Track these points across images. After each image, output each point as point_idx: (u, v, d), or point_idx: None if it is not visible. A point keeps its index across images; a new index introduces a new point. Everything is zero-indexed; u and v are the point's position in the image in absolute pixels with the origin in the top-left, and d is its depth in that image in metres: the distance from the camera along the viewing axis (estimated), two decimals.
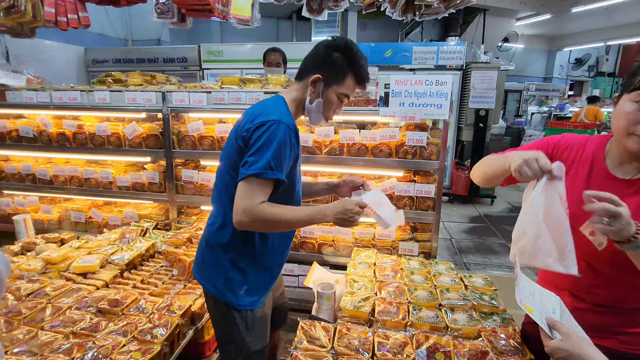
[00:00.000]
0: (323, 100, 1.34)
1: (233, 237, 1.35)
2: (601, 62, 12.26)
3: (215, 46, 5.93)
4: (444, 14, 2.17)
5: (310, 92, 1.33)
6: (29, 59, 4.26)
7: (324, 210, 1.28)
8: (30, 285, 1.77)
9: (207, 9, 2.26)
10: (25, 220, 2.53)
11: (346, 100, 1.38)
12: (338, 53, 1.30)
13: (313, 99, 1.34)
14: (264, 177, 1.17)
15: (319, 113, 1.36)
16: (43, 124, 2.64)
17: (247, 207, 1.16)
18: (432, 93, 2.03)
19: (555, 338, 0.89)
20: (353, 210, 1.28)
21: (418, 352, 1.32)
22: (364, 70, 1.35)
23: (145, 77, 2.79)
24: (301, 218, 1.26)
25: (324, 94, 1.33)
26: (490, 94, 5.30)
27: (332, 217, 1.27)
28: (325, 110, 1.36)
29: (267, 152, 1.17)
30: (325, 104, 1.35)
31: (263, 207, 1.18)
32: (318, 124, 1.41)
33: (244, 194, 1.18)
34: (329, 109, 1.37)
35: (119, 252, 2.13)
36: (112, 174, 2.65)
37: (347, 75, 1.31)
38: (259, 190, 1.18)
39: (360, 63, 1.32)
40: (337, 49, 1.31)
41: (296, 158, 1.34)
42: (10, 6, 2.40)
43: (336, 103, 1.36)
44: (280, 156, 1.19)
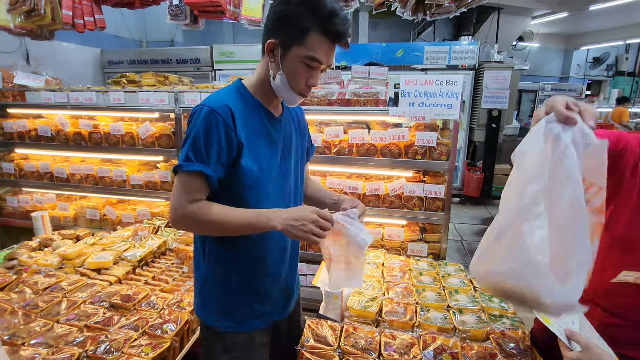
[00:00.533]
0: (284, 71, 1.03)
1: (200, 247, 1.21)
2: (620, 61, 11.92)
3: (227, 47, 6.00)
4: (455, 13, 2.15)
5: (270, 64, 1.06)
6: (47, 61, 4.39)
7: (268, 214, 1.03)
8: (47, 280, 1.82)
9: (219, 11, 2.30)
10: (42, 217, 2.61)
11: (318, 65, 1.03)
12: (292, 1, 0.99)
13: (275, 72, 1.05)
14: (183, 169, 1.01)
15: (287, 89, 1.06)
16: (60, 124, 2.72)
17: (173, 204, 1.03)
18: (442, 93, 2.02)
19: (575, 349, 0.87)
20: (309, 218, 1.01)
21: (425, 353, 1.31)
22: (334, 19, 0.97)
23: (158, 78, 2.85)
24: (236, 222, 1.03)
25: (284, 61, 1.02)
26: (503, 93, 5.22)
27: (280, 223, 1.02)
28: (293, 83, 1.05)
29: (187, 142, 1.02)
30: (288, 76, 1.04)
31: (192, 207, 1.01)
32: (294, 103, 1.12)
33: (173, 190, 1.04)
34: (297, 81, 1.05)
35: (131, 249, 2.18)
36: (126, 172, 2.71)
37: (309, 30, 0.98)
38: (185, 186, 1.02)
39: (325, 8, 0.97)
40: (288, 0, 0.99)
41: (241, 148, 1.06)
42: (30, 10, 2.48)
43: (303, 70, 1.03)
44: (202, 145, 1.00)
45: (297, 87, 1.06)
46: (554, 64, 12.71)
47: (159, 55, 6.20)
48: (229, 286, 1.20)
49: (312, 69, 1.04)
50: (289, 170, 1.23)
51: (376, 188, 2.27)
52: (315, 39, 0.99)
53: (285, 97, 1.10)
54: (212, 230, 1.09)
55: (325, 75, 2.34)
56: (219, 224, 1.04)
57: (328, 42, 1.01)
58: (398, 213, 2.27)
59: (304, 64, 1.02)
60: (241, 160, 1.06)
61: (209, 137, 1.00)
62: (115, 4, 2.64)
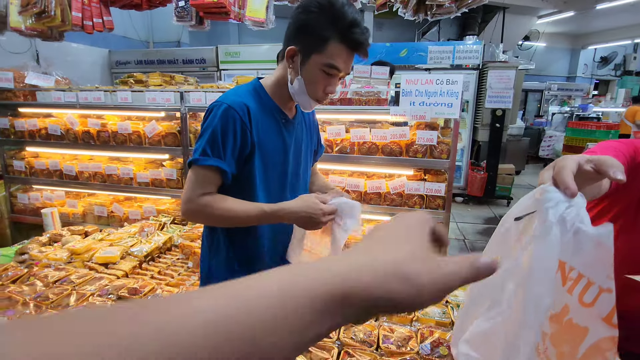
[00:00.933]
0: (303, 77, 1.06)
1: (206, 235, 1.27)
2: (629, 61, 11.81)
3: (233, 47, 6.07)
4: (457, 14, 2.17)
5: (289, 69, 1.09)
6: (57, 61, 4.48)
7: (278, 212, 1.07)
8: (57, 273, 1.88)
9: (224, 12, 2.34)
10: (52, 213, 2.68)
11: (337, 73, 1.05)
12: (313, 10, 1.01)
13: (293, 78, 1.08)
14: (199, 163, 1.04)
15: (303, 94, 1.08)
16: (70, 123, 2.79)
17: (186, 196, 1.06)
18: (442, 92, 2.04)
19: None
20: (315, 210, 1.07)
21: (422, 346, 1.35)
22: (354, 29, 1.00)
23: (164, 78, 2.91)
24: (246, 217, 1.07)
25: (303, 68, 1.05)
26: (507, 93, 5.21)
27: (290, 220, 1.09)
28: (310, 90, 1.07)
29: (204, 137, 1.04)
30: (307, 82, 1.06)
31: (205, 199, 1.05)
32: (309, 108, 1.14)
33: (186, 182, 1.08)
34: (315, 88, 1.07)
35: (138, 244, 2.24)
36: (133, 170, 2.77)
37: (329, 39, 1.00)
38: (200, 179, 1.06)
39: (346, 18, 0.99)
40: (310, 6, 1.01)
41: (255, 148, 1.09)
42: (41, 11, 2.55)
43: (322, 78, 1.05)
44: (219, 141, 1.03)
45: (314, 94, 1.08)
46: (560, 63, 12.62)
47: (166, 56, 6.28)
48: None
49: (330, 76, 1.06)
50: (298, 171, 1.27)
51: (377, 186, 2.30)
52: (335, 48, 1.01)
53: (301, 102, 1.12)
54: (222, 222, 1.13)
55: None
56: (229, 218, 1.08)
57: (347, 50, 1.03)
58: (399, 211, 2.30)
59: (322, 72, 1.04)
60: (253, 159, 1.10)
61: (226, 133, 1.03)
62: (123, 5, 2.70)
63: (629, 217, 1.09)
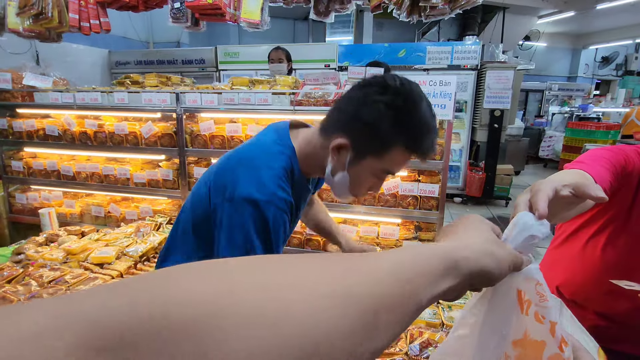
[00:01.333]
0: (350, 175, 0.90)
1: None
2: (630, 61, 11.77)
3: (232, 48, 6.08)
4: (450, 15, 2.18)
5: (332, 159, 0.90)
6: (57, 62, 4.51)
7: None
8: (52, 273, 1.90)
9: (219, 13, 2.36)
10: (49, 213, 2.70)
11: (388, 176, 0.94)
12: (384, 108, 0.81)
13: (335, 169, 0.91)
14: None
15: (343, 189, 0.93)
16: (67, 124, 2.80)
17: None
18: (435, 93, 2.05)
19: None
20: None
21: (411, 347, 1.35)
22: (429, 136, 0.84)
23: (161, 79, 2.92)
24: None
25: (352, 166, 0.88)
26: (505, 94, 5.21)
27: None
28: (353, 188, 0.93)
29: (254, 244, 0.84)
30: (352, 181, 0.91)
31: None
32: (344, 199, 1.00)
33: None
34: (360, 187, 0.93)
35: (133, 244, 2.25)
36: (130, 171, 2.79)
37: (393, 146, 0.83)
38: None
39: (423, 125, 0.82)
40: (380, 99, 0.81)
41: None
42: (38, 13, 2.57)
43: (371, 180, 0.91)
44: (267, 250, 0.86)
45: (356, 192, 0.95)
46: (561, 63, 12.59)
47: (165, 56, 6.30)
48: None
49: (380, 179, 0.93)
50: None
51: None
52: (397, 154, 0.85)
53: (337, 192, 0.97)
54: None
55: (322, 75, 2.39)
56: None
57: (409, 156, 0.87)
58: (393, 212, 2.31)
59: (375, 175, 0.91)
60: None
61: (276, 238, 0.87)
62: (120, 7, 2.72)
63: (619, 224, 1.11)
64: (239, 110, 2.49)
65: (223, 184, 0.89)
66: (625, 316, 1.15)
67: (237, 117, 2.60)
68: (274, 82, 2.51)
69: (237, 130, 2.48)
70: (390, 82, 0.82)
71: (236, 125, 2.49)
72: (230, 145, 2.51)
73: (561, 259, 1.34)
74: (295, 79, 2.50)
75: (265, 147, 0.93)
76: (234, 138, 2.49)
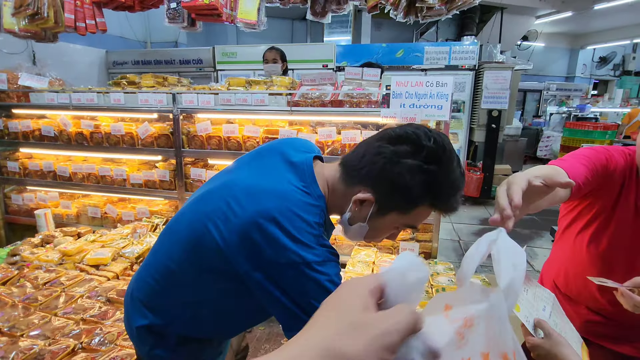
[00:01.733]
0: (369, 226, 0.88)
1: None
2: (627, 61, 11.80)
3: (230, 48, 6.07)
4: (447, 16, 2.18)
5: (352, 209, 0.87)
6: (53, 62, 4.49)
7: None
8: (47, 275, 1.89)
9: (216, 14, 2.35)
10: (45, 214, 2.69)
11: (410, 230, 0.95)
12: (416, 171, 0.78)
13: (354, 219, 0.89)
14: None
15: (358, 236, 0.91)
16: (63, 124, 2.79)
17: None
18: (432, 94, 2.05)
19: (538, 336, 0.91)
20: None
21: None
22: (454, 197, 0.82)
23: (157, 79, 2.91)
24: None
25: (373, 219, 0.86)
26: (503, 94, 5.22)
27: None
28: (370, 236, 0.92)
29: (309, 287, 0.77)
30: (371, 231, 0.89)
31: None
32: (353, 242, 1.03)
33: None
34: (376, 236, 0.92)
35: (130, 246, 2.24)
36: (126, 171, 2.78)
37: (419, 204, 0.82)
38: None
39: (450, 188, 0.81)
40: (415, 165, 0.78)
41: None
42: (34, 13, 2.56)
43: (390, 232, 0.91)
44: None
45: (371, 239, 0.93)
46: (559, 63, 12.61)
47: (162, 56, 6.28)
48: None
49: (399, 230, 0.92)
50: None
51: None
52: (422, 212, 0.84)
53: (350, 237, 0.94)
54: None
55: (319, 76, 2.38)
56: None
57: (431, 211, 0.85)
58: None
59: (396, 228, 0.90)
60: None
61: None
62: (116, 7, 2.71)
63: (603, 221, 1.13)
64: (235, 111, 2.48)
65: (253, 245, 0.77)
66: (615, 313, 1.16)
67: (234, 118, 2.59)
68: (270, 83, 2.50)
69: (233, 131, 2.47)
70: (425, 142, 0.78)
71: (233, 125, 2.48)
72: (227, 145, 2.51)
73: (556, 252, 1.36)
74: (292, 79, 2.50)
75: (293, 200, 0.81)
76: (231, 139, 2.49)
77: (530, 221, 5.28)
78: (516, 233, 4.77)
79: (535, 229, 4.89)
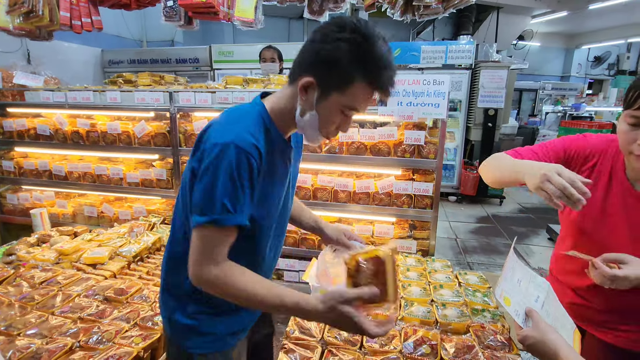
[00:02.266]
0: (319, 114, 0.94)
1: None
2: (622, 60, 11.90)
3: (226, 47, 6.05)
4: (444, 14, 2.19)
5: (301, 100, 0.94)
6: (49, 61, 4.45)
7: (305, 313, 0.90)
8: (44, 274, 1.88)
9: (213, 12, 2.34)
10: (41, 214, 2.67)
11: (355, 113, 0.97)
12: (343, 44, 0.86)
13: (304, 110, 0.95)
14: (223, 224, 0.87)
15: (313, 129, 0.97)
16: (59, 123, 2.77)
17: (197, 265, 0.90)
18: (429, 92, 2.05)
19: (529, 326, 0.93)
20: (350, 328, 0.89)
21: (405, 345, 1.36)
22: (387, 71, 0.89)
23: (154, 78, 2.90)
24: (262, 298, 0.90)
25: (319, 104, 0.93)
26: (499, 93, 5.24)
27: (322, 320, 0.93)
28: (323, 127, 0.97)
29: (217, 187, 0.86)
30: (321, 119, 0.95)
31: (219, 272, 0.89)
32: (315, 143, 1.03)
33: (196, 248, 0.89)
34: (329, 126, 0.97)
35: (127, 245, 2.23)
36: (123, 170, 2.76)
37: (354, 80, 0.88)
38: (214, 241, 0.89)
39: (380, 59, 0.87)
40: (338, 36, 0.86)
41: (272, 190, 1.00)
42: (29, 11, 2.54)
43: (338, 117, 0.96)
44: (238, 192, 0.87)
45: (326, 131, 0.99)
46: (555, 63, 12.69)
47: (159, 55, 6.26)
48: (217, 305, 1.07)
49: (347, 116, 0.97)
50: (289, 201, 1.17)
51: (366, 186, 2.31)
52: (359, 89, 0.89)
53: (308, 136, 1.01)
54: (234, 301, 0.93)
55: None
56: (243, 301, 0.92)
57: (371, 92, 0.92)
58: (388, 210, 2.31)
59: (341, 112, 0.95)
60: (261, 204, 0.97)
61: (243, 181, 0.87)
62: (112, 5, 2.69)
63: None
64: None
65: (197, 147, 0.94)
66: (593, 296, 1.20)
67: None
68: (268, 81, 2.50)
69: None
70: (348, 21, 0.87)
71: None
72: None
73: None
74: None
75: (238, 112, 0.98)
76: None
77: (526, 219, 5.32)
78: (512, 231, 4.80)
79: (531, 227, 4.93)
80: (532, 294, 1.02)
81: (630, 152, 1.02)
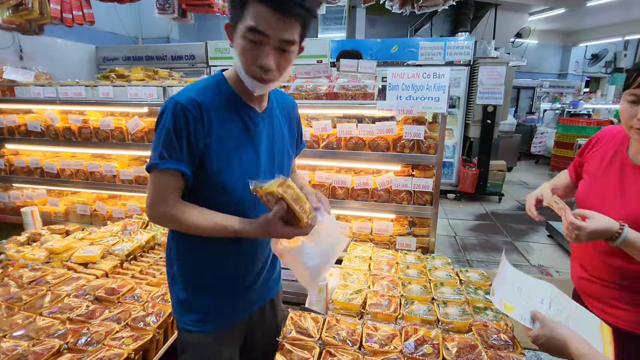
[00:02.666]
0: (237, 52, 0.99)
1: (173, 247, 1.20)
2: (619, 58, 11.90)
3: (223, 43, 5.98)
4: (444, 7, 2.14)
5: (230, 42, 1.03)
6: (41, 57, 4.37)
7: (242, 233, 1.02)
8: (33, 274, 1.82)
9: (207, 4, 2.28)
10: (32, 212, 2.60)
11: (262, 38, 0.94)
12: None
13: (234, 51, 1.01)
14: (159, 168, 0.98)
15: (244, 74, 1.00)
16: (50, 119, 2.71)
17: (149, 204, 1.03)
18: (429, 86, 2.01)
19: (537, 328, 0.96)
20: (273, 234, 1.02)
21: (406, 344, 1.31)
22: None
23: (147, 73, 2.84)
24: (207, 227, 1.03)
25: (235, 41, 0.99)
26: (498, 89, 5.21)
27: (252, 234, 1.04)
28: (245, 65, 0.99)
29: (159, 138, 0.99)
30: (240, 57, 0.98)
31: (168, 211, 1.01)
32: (256, 90, 1.02)
33: (149, 190, 1.03)
34: (246, 61, 0.98)
35: (119, 243, 2.18)
36: (116, 167, 2.70)
37: (247, 2, 0.92)
38: (159, 184, 1.01)
39: None
40: None
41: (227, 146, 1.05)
42: (18, 4, 2.47)
43: (249, 47, 0.95)
44: (174, 142, 0.97)
45: (248, 69, 0.98)
46: (552, 60, 12.68)
47: (154, 52, 6.18)
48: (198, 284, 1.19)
49: (257, 44, 0.95)
50: (273, 168, 1.18)
51: (365, 182, 2.26)
52: (253, 9, 0.92)
53: (247, 84, 1.02)
54: (186, 230, 1.07)
55: (313, 69, 2.33)
56: (197, 232, 1.05)
57: (268, 10, 0.90)
58: (387, 207, 2.27)
59: (247, 40, 0.94)
60: (209, 157, 1.02)
61: (180, 133, 0.97)
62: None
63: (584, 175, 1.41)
64: None
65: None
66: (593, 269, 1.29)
67: None
68: None
69: None
70: None
71: None
72: None
73: None
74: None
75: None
76: None
77: (525, 216, 5.29)
78: (511, 228, 4.77)
79: (530, 224, 4.90)
80: (536, 297, 1.07)
81: (630, 126, 1.12)
